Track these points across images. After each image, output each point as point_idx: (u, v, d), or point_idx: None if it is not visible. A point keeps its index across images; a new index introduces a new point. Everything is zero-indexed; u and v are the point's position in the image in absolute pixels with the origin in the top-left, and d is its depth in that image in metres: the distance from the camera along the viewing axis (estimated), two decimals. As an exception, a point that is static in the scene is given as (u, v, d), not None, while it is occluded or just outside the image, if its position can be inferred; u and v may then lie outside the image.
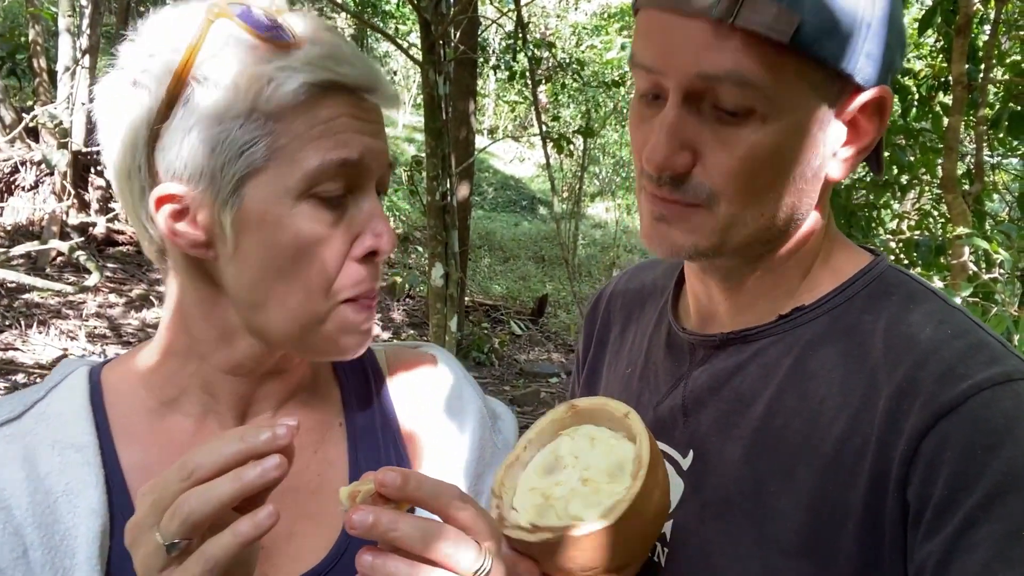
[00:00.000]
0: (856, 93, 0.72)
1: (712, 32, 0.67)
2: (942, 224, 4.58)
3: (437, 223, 4.03)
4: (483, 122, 17.18)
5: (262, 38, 0.68)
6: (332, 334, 0.75)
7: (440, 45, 3.89)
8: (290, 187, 0.70)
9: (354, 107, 0.71)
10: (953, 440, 0.64)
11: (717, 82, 0.68)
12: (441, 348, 0.96)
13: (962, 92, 3.27)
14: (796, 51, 0.67)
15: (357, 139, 0.71)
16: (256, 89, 0.67)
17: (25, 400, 0.76)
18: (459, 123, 6.43)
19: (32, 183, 6.70)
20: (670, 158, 0.71)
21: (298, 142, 0.69)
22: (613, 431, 0.75)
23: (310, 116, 0.69)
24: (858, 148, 0.76)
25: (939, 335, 0.70)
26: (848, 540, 0.68)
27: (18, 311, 5.52)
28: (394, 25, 13.11)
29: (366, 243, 0.73)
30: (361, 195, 0.73)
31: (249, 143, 0.68)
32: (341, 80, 0.70)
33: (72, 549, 0.69)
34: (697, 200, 0.73)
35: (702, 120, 0.71)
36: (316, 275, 0.72)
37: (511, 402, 5.88)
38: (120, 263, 6.86)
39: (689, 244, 0.75)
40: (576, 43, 14.41)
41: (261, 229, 0.70)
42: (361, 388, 0.88)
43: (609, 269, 11.65)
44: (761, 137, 0.70)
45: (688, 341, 0.87)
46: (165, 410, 0.79)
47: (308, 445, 0.82)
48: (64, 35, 6.59)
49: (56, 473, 0.71)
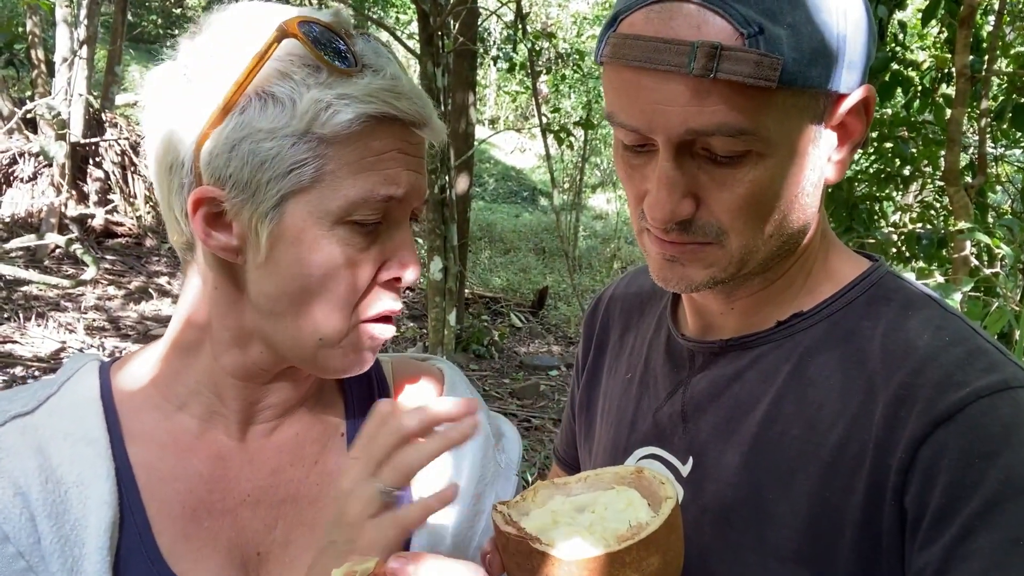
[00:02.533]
0: (841, 100, 0.72)
1: (694, 89, 0.65)
2: (944, 217, 4.56)
3: (436, 217, 4.01)
4: (484, 112, 17.13)
5: (326, 62, 0.69)
6: (344, 353, 0.76)
7: (439, 36, 3.86)
8: (331, 211, 0.71)
9: (404, 141, 0.73)
10: (951, 448, 0.64)
11: (707, 135, 0.67)
12: (449, 363, 0.96)
13: (965, 84, 3.25)
14: (781, 88, 0.65)
15: (404, 176, 0.73)
16: (314, 112, 0.68)
17: (38, 394, 0.77)
18: (459, 115, 6.40)
19: (30, 175, 6.68)
20: (675, 211, 0.71)
21: (347, 169, 0.70)
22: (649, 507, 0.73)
23: (362, 146, 0.70)
24: (850, 147, 0.76)
25: (937, 342, 0.69)
26: (846, 547, 0.68)
27: (16, 303, 5.51)
28: (393, 15, 13.06)
29: (393, 271, 0.75)
30: (396, 224, 0.75)
31: (299, 163, 0.69)
32: (397, 114, 0.71)
33: (82, 539, 0.70)
34: (707, 239, 0.73)
35: (698, 165, 0.70)
36: (342, 296, 0.73)
37: (511, 395, 5.88)
38: (119, 255, 6.85)
39: (707, 278, 0.76)
40: (577, 33, 14.35)
41: (296, 245, 0.71)
42: (365, 399, 0.88)
43: (610, 261, 11.64)
44: (760, 173, 0.69)
45: (687, 348, 0.86)
46: (172, 409, 0.79)
47: (309, 455, 0.83)
48: (62, 26, 6.56)
49: (67, 464, 0.72)
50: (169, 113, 0.71)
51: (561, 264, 10.71)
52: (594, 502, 0.74)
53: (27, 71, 7.78)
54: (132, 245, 7.09)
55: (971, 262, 2.94)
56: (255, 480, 0.79)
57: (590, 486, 0.76)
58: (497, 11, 7.15)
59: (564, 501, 0.74)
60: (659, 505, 0.72)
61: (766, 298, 0.81)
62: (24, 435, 0.73)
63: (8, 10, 9.70)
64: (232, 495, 0.78)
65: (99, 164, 7.14)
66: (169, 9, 15.90)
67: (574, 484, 0.76)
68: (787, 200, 0.73)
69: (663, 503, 0.70)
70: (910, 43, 5.36)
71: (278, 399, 0.81)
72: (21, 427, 0.74)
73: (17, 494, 0.70)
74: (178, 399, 0.80)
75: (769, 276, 0.80)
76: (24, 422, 0.75)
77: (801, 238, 0.77)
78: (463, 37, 5.60)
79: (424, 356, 0.97)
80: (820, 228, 0.81)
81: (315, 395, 0.86)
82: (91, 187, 7.05)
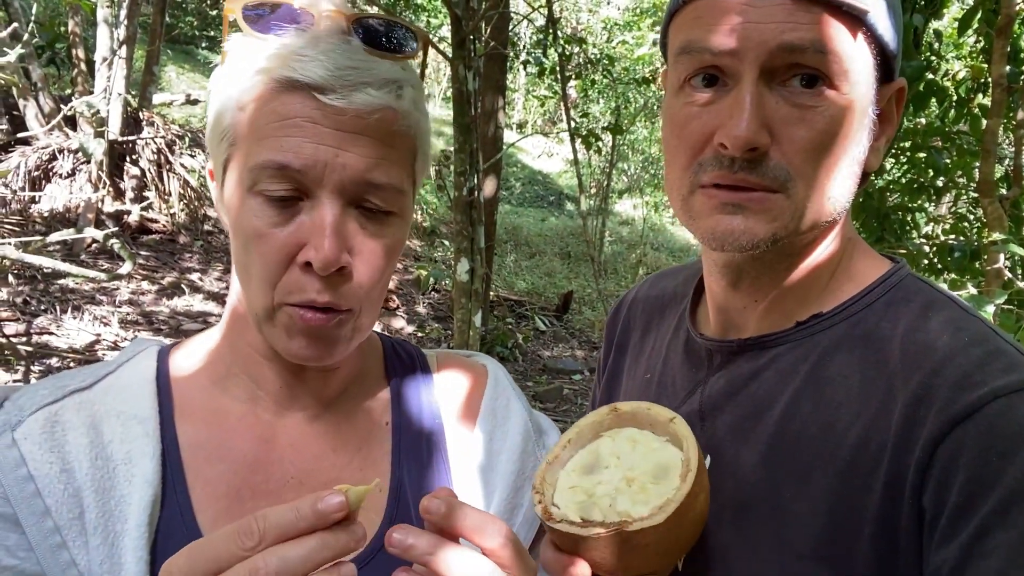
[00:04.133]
0: (886, 84, 0.77)
1: (790, 9, 0.69)
2: (977, 229, 4.48)
3: (463, 218, 4.04)
4: (512, 117, 17.16)
5: (246, 27, 0.70)
6: (280, 334, 0.74)
7: (470, 40, 3.89)
8: (242, 178, 0.71)
9: (314, 110, 0.67)
10: (969, 447, 0.64)
11: (800, 52, 0.69)
12: (492, 359, 0.96)
13: (1002, 94, 3.20)
14: (865, 26, 0.71)
15: (309, 148, 0.67)
16: (233, 77, 0.71)
17: (97, 372, 0.80)
18: (488, 118, 6.43)
19: (69, 171, 6.84)
20: (757, 133, 0.70)
21: (255, 135, 0.69)
22: (656, 435, 0.75)
23: (267, 111, 0.68)
24: (886, 138, 0.79)
25: (956, 342, 0.70)
26: (864, 545, 0.68)
27: (53, 296, 5.65)
28: (425, 19, 13.14)
29: (306, 254, 0.70)
30: (315, 203, 0.70)
31: (227, 128, 0.72)
32: (292, 75, 0.66)
33: (124, 515, 0.71)
34: (775, 184, 0.72)
35: (778, 99, 0.71)
36: (260, 269, 0.72)
37: (534, 398, 5.89)
38: (153, 251, 6.98)
39: (769, 233, 0.73)
40: (607, 39, 14.32)
41: (229, 211, 0.74)
42: (410, 389, 0.89)
43: (635, 267, 11.59)
44: (837, 109, 0.72)
45: (706, 347, 0.87)
46: (217, 390, 0.81)
47: (353, 442, 0.84)
48: (102, 26, 6.70)
49: (118, 442, 0.74)
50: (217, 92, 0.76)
51: (586, 269, 10.68)
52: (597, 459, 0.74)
53: (68, 70, 7.97)
54: (166, 241, 7.22)
55: (1004, 274, 2.89)
56: (299, 463, 0.80)
57: (577, 445, 0.77)
58: (529, 16, 7.18)
59: (568, 474, 0.75)
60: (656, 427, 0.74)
61: (789, 295, 0.81)
62: (80, 411, 0.75)
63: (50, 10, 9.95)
64: (276, 477, 0.79)
65: (135, 162, 7.28)
66: (205, 11, 16.19)
67: (561, 452, 0.76)
68: (846, 157, 0.74)
69: (670, 423, 0.73)
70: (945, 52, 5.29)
71: (309, 390, 0.82)
72: (78, 402, 0.76)
73: (64, 470, 0.71)
74: (222, 381, 0.82)
75: (795, 270, 0.80)
76: (81, 397, 0.77)
77: (837, 218, 0.78)
78: (494, 41, 5.64)
79: (469, 353, 0.97)
80: (845, 228, 0.81)
81: (356, 388, 0.86)
82: (127, 184, 7.19)
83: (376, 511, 0.80)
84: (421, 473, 0.83)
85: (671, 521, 0.66)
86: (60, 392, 0.76)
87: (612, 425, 0.77)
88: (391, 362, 0.91)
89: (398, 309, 7.48)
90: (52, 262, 3.68)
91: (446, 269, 7.60)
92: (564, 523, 0.69)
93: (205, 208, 7.64)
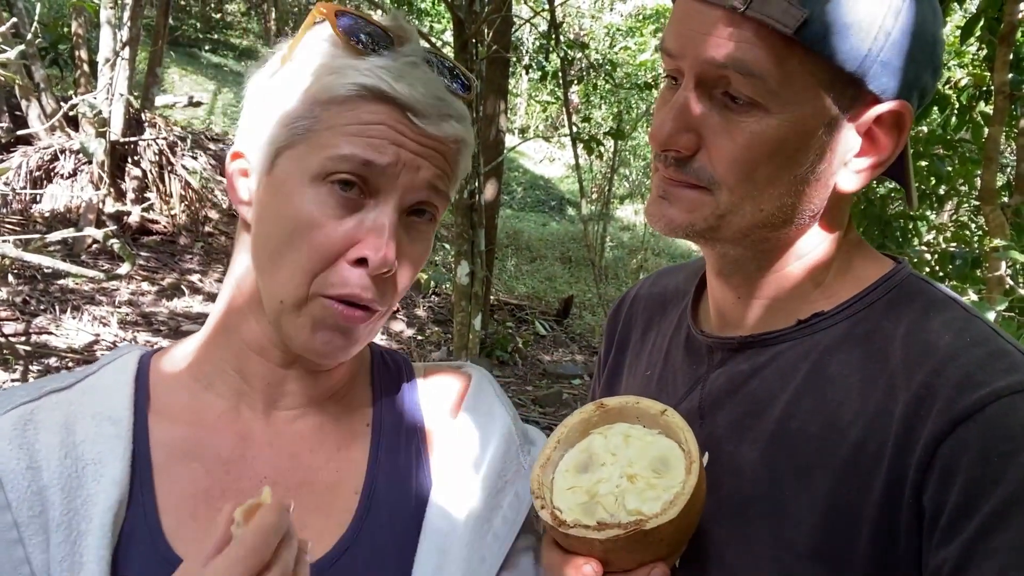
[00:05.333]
0: (872, 103, 0.72)
1: (727, 21, 0.69)
2: (979, 236, 4.48)
3: (464, 221, 4.04)
4: (514, 121, 17.19)
5: (343, 38, 0.74)
6: (306, 325, 0.75)
7: (473, 44, 3.89)
8: (311, 166, 0.73)
9: (400, 123, 0.73)
10: (970, 446, 0.64)
11: (725, 70, 0.70)
12: (480, 368, 0.97)
13: (1004, 102, 3.20)
14: (804, 47, 0.68)
15: (392, 148, 0.73)
16: (317, 76, 0.74)
17: (77, 374, 0.81)
18: (489, 122, 6.44)
19: (71, 171, 6.84)
20: (674, 136, 0.74)
21: (334, 131, 0.73)
22: (648, 428, 0.76)
23: (353, 115, 0.73)
24: (874, 162, 0.76)
25: (958, 342, 0.70)
26: (863, 544, 0.68)
27: (53, 296, 5.65)
28: (428, 23, 13.18)
29: (361, 250, 0.73)
30: (380, 204, 0.74)
31: (295, 118, 0.74)
32: (390, 92, 0.72)
33: (90, 515, 0.71)
34: (699, 183, 0.75)
35: (712, 106, 0.73)
36: (304, 257, 0.73)
37: (533, 402, 5.88)
38: (153, 252, 6.98)
39: (685, 223, 0.77)
40: (610, 44, 14.35)
41: (276, 197, 0.75)
42: (394, 397, 0.89)
43: (636, 272, 11.59)
44: (764, 128, 0.71)
45: (706, 344, 0.87)
46: (200, 388, 0.82)
47: (332, 444, 0.84)
48: (105, 27, 6.72)
49: (90, 442, 0.75)
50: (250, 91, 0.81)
51: (587, 273, 10.68)
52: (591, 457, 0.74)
53: (71, 70, 7.99)
54: (166, 243, 7.23)
55: (1006, 282, 2.89)
56: (274, 462, 0.80)
57: (567, 444, 0.77)
58: (531, 19, 7.19)
59: (564, 475, 0.74)
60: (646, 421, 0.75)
61: (780, 294, 0.82)
62: (55, 410, 0.76)
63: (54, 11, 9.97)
64: (248, 476, 0.79)
65: (137, 163, 7.28)
66: (209, 14, 16.22)
67: (551, 452, 0.77)
68: (784, 173, 0.74)
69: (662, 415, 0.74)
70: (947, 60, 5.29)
71: (298, 387, 0.82)
72: (55, 402, 0.77)
73: (31, 467, 0.72)
74: (206, 378, 0.82)
75: (775, 268, 0.81)
76: (59, 397, 0.77)
77: (789, 227, 0.78)
78: (497, 45, 5.64)
79: (459, 364, 0.98)
80: (839, 237, 0.81)
81: (343, 392, 0.87)
82: (128, 185, 7.20)
83: (346, 510, 0.80)
84: (399, 475, 0.84)
85: (683, 513, 0.67)
86: (38, 392, 0.77)
87: (601, 422, 0.78)
88: (378, 368, 0.92)
89: (398, 312, 7.48)
90: (52, 261, 3.68)
91: (446, 272, 7.60)
92: (579, 527, 0.69)
93: (206, 210, 7.64)
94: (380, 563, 0.78)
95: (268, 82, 0.78)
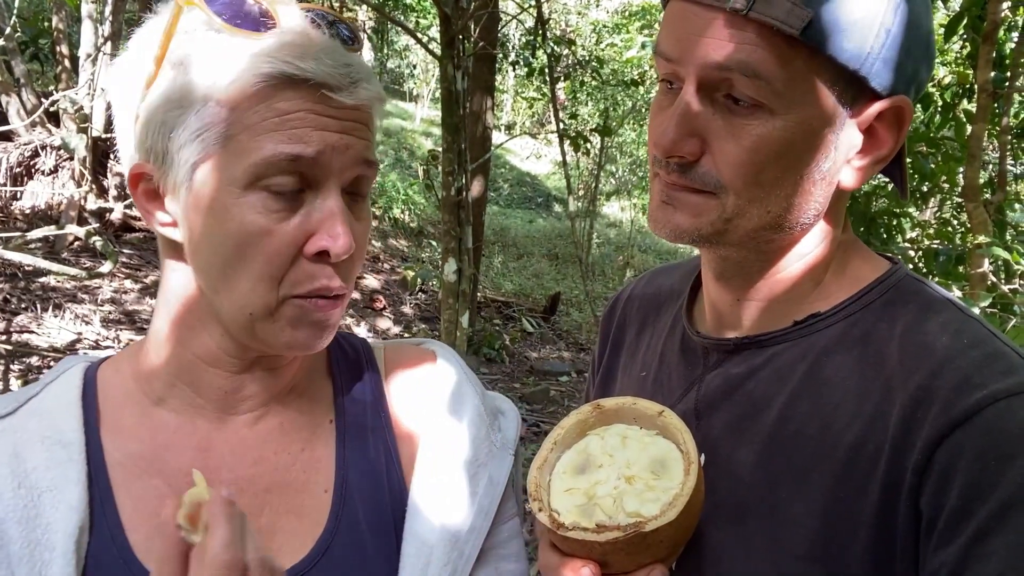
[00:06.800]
0: (873, 100, 0.72)
1: (728, 23, 0.68)
2: (962, 233, 4.52)
3: (451, 218, 4.03)
4: (500, 118, 17.16)
5: (225, 24, 0.68)
6: (283, 328, 0.73)
7: (459, 40, 3.88)
8: (237, 176, 0.68)
9: (318, 103, 0.68)
10: (968, 449, 0.64)
11: (729, 72, 0.69)
12: (443, 344, 0.94)
13: (987, 100, 3.22)
14: (808, 47, 0.67)
15: (316, 135, 0.68)
16: (213, 74, 0.67)
17: (20, 397, 0.77)
18: (476, 119, 6.42)
19: (52, 168, 6.75)
20: (678, 143, 0.73)
21: (250, 132, 0.68)
22: (645, 429, 0.75)
23: (264, 108, 0.67)
24: (874, 158, 0.76)
25: (955, 344, 0.70)
26: (860, 547, 0.68)
27: (34, 294, 5.58)
28: (415, 19, 13.12)
29: (319, 243, 0.70)
30: (322, 193, 0.71)
31: (203, 128, 0.68)
32: (300, 74, 0.67)
33: (52, 543, 0.69)
34: (705, 187, 0.74)
35: (715, 110, 0.72)
36: (262, 267, 0.70)
37: (520, 399, 5.87)
38: (136, 249, 6.91)
39: (692, 228, 0.76)
40: (596, 41, 14.35)
41: (209, 215, 0.70)
42: (355, 385, 0.87)
43: (623, 269, 11.62)
44: (769, 130, 0.70)
45: (702, 345, 0.86)
46: (150, 404, 0.79)
47: (296, 442, 0.81)
48: (86, 22, 6.63)
49: (43, 469, 0.72)
50: (118, 97, 0.74)
51: (574, 271, 10.69)
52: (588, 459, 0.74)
53: (51, 66, 7.88)
54: (149, 240, 7.15)
55: (989, 278, 2.91)
56: (237, 470, 0.78)
57: (563, 446, 0.76)
58: (518, 16, 7.18)
59: (561, 477, 0.74)
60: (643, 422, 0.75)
61: (778, 295, 0.81)
62: (1, 440, 0.73)
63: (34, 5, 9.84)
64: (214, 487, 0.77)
65: (119, 159, 7.21)
66: (192, 8, 16.07)
67: (548, 454, 0.76)
68: (791, 175, 0.73)
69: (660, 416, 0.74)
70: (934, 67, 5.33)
71: (258, 388, 0.80)
72: (0, 430, 0.74)
73: None
74: (156, 393, 0.79)
75: (776, 268, 0.80)
76: (3, 425, 0.74)
77: (796, 228, 0.77)
78: (483, 41, 5.62)
79: (419, 341, 0.95)
80: (838, 235, 0.81)
81: (302, 384, 0.84)
82: (111, 181, 7.12)
83: (319, 510, 0.79)
84: (370, 469, 0.82)
85: (682, 515, 0.67)
86: None
87: (597, 423, 0.77)
88: (336, 356, 0.89)
89: (384, 309, 7.45)
90: (33, 259, 3.63)
91: (433, 269, 7.58)
92: (578, 530, 0.68)
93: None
94: (361, 563, 0.77)
95: (150, 90, 0.70)
